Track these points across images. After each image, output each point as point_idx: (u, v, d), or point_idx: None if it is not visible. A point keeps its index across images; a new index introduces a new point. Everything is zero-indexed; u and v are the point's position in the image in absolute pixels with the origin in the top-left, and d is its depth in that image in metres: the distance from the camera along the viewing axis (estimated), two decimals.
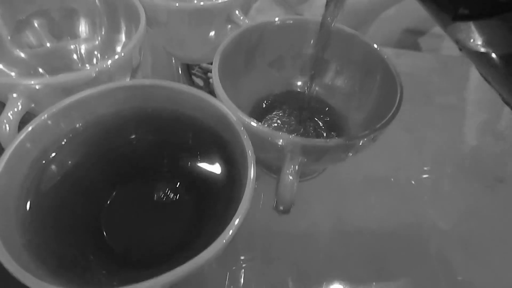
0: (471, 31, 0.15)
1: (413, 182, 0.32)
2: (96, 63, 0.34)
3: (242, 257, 0.28)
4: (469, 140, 0.39)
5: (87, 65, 0.33)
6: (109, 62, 0.24)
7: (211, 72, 0.44)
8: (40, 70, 0.33)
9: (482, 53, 0.16)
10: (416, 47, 0.56)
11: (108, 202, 0.23)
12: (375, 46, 0.27)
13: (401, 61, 0.45)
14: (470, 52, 0.16)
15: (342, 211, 0.31)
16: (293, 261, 0.28)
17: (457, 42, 0.16)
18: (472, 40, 0.15)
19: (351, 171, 0.32)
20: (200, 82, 0.44)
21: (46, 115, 0.21)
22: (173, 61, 0.43)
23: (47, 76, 0.33)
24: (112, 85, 0.23)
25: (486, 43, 0.15)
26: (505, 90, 0.17)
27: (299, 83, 0.33)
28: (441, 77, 0.44)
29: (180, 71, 0.44)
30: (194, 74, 0.44)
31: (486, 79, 0.18)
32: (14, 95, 0.23)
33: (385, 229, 0.30)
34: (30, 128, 0.20)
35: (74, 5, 0.31)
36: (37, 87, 0.23)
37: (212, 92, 0.43)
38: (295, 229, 0.30)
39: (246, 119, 0.22)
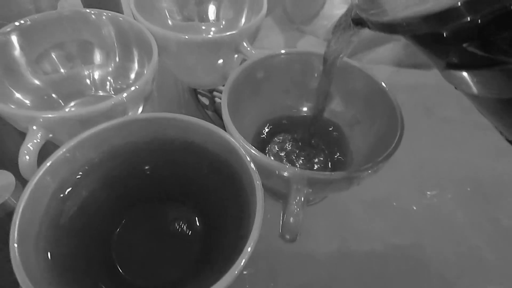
0: (464, 78, 0.16)
1: (414, 208, 0.33)
2: (109, 88, 0.35)
3: (244, 272, 0.29)
4: (472, 159, 0.39)
5: (100, 91, 0.35)
6: (124, 95, 0.25)
7: (216, 91, 0.46)
8: (54, 95, 0.34)
9: (476, 95, 0.17)
10: (417, 64, 0.57)
11: (120, 230, 0.24)
12: (379, 81, 0.28)
13: (401, 77, 0.46)
14: (464, 93, 0.17)
15: (345, 233, 0.32)
16: (297, 281, 0.29)
17: (451, 83, 0.17)
18: (465, 86, 0.16)
19: (354, 195, 0.33)
20: (205, 101, 0.45)
21: (64, 150, 0.22)
22: None
23: (61, 101, 0.34)
24: (127, 118, 0.24)
25: (479, 89, 0.16)
26: (500, 126, 0.18)
27: (304, 109, 0.34)
28: (441, 92, 0.45)
29: (185, 90, 0.45)
30: (200, 93, 0.45)
31: (481, 113, 0.19)
32: (34, 127, 0.24)
33: (387, 252, 0.31)
34: (49, 164, 0.21)
35: (90, 38, 0.33)
36: (55, 119, 0.24)
37: (217, 111, 0.45)
38: (300, 250, 0.30)
39: (254, 151, 0.23)
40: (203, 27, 0.41)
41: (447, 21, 0.14)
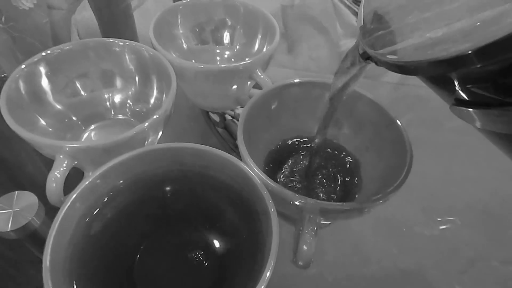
0: (472, 114, 0.16)
1: (426, 233, 0.34)
2: (128, 112, 0.36)
3: None
4: (484, 178, 0.39)
5: (119, 115, 0.36)
6: (146, 124, 0.27)
7: None
8: (74, 118, 0.35)
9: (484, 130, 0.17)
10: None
11: (140, 254, 0.26)
12: (389, 111, 0.29)
13: (409, 89, 0.47)
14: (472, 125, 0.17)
15: (354, 256, 0.32)
16: None
17: (459, 117, 0.18)
18: (473, 121, 0.16)
19: (363, 218, 0.34)
20: (216, 118, 0.47)
21: (90, 179, 0.23)
22: None
23: (80, 123, 0.36)
24: (148, 148, 0.25)
25: (487, 125, 0.16)
26: (509, 156, 0.18)
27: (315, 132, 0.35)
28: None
29: (196, 107, 0.46)
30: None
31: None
32: (61, 156, 0.26)
33: (396, 276, 0.32)
34: (75, 194, 0.22)
35: (112, 66, 0.34)
36: (81, 148, 0.26)
37: (227, 128, 0.46)
38: (309, 271, 0.31)
39: (269, 181, 0.24)
40: (218, 51, 0.42)
41: (456, 67, 0.14)
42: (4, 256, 0.34)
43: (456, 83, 0.16)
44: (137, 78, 0.35)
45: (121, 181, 0.25)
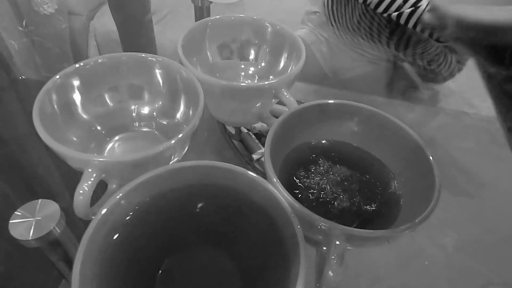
0: None
1: (438, 257, 0.34)
2: (153, 125, 0.37)
3: None
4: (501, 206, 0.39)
5: (144, 128, 0.36)
6: (173, 141, 0.27)
7: None
8: (99, 128, 0.35)
9: None
10: None
11: (163, 270, 0.26)
12: (419, 140, 0.29)
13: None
14: None
15: (364, 277, 0.32)
16: None
17: None
18: None
19: None
20: (232, 130, 0.47)
21: (120, 195, 0.23)
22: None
23: (104, 132, 0.36)
24: (175, 166, 0.25)
25: None
26: None
27: (343, 150, 0.35)
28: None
29: (212, 118, 0.46)
30: None
31: None
32: (89, 169, 0.26)
33: None
34: (105, 210, 0.22)
35: (142, 79, 0.35)
36: (111, 163, 0.26)
37: (243, 141, 0.46)
38: None
39: (297, 204, 0.24)
40: (242, 66, 0.43)
41: None
42: (16, 261, 0.34)
43: None
44: (165, 92, 0.35)
45: (147, 198, 0.25)
